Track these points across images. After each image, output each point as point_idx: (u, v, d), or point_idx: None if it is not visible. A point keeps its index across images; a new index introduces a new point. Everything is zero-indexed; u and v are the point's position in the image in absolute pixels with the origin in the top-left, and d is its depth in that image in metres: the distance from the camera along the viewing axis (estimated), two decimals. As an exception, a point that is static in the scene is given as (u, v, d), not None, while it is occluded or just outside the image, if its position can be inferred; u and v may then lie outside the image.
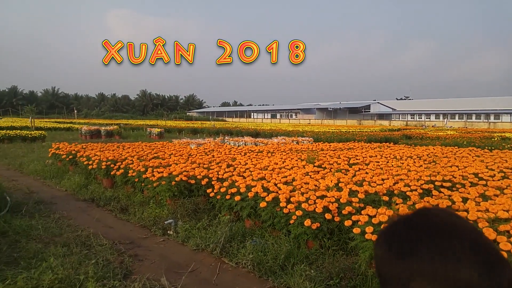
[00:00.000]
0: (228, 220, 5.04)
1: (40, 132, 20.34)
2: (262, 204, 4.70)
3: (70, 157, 9.19)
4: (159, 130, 23.81)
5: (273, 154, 9.02)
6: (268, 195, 4.77)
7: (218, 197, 5.50)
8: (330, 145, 12.10)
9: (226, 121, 75.65)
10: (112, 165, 7.37)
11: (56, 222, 5.22)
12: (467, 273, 0.59)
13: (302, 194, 4.64)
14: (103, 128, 23.29)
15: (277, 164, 6.96)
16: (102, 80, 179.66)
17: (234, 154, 8.82)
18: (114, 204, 6.34)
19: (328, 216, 4.22)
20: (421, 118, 66.64)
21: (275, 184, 5.25)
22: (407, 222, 0.69)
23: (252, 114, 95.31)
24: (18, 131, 20.15)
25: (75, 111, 44.64)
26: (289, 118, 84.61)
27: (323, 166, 6.98)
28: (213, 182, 5.87)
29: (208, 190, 5.77)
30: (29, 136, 18.79)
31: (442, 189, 4.97)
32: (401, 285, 0.64)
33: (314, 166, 6.85)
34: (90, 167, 7.83)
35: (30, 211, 5.70)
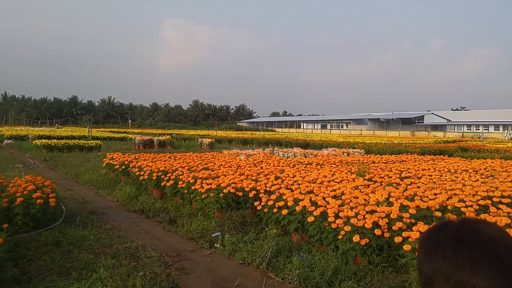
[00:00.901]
0: (275, 234, 4.90)
1: (96, 141, 21.42)
2: (310, 219, 4.54)
3: (123, 167, 9.52)
4: (210, 140, 24.28)
5: (322, 166, 8.75)
6: (316, 210, 4.61)
7: (265, 210, 5.37)
8: (382, 158, 11.60)
9: (275, 131, 75.83)
10: (162, 176, 7.51)
11: (107, 233, 5.35)
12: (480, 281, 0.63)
13: (351, 208, 4.48)
14: (156, 138, 24.14)
15: (326, 177, 6.71)
16: (156, 90, 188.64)
17: (282, 166, 8.65)
18: (163, 215, 6.41)
19: (377, 231, 4.03)
20: (478, 129, 62.62)
21: (324, 198, 5.07)
22: (443, 225, 0.76)
23: (302, 124, 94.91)
24: (77, 140, 21.37)
25: (129, 121, 47.04)
26: (340, 128, 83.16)
27: (373, 179, 6.71)
28: (260, 195, 5.75)
29: (256, 203, 5.66)
30: (86, 145, 19.81)
31: (500, 206, 4.58)
32: (429, 284, 0.71)
33: (364, 179, 6.58)
34: (141, 177, 8.04)
35: (84, 221, 5.91)
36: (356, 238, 3.93)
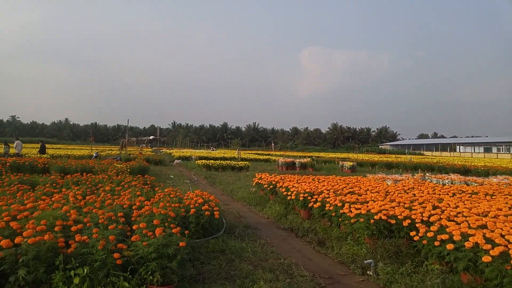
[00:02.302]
0: (439, 271, 4.40)
1: (245, 162, 23.52)
2: (486, 258, 3.92)
3: (271, 187, 10.10)
4: (351, 163, 23.74)
5: (493, 197, 7.50)
6: (493, 248, 3.96)
7: (424, 242, 4.89)
8: None
9: (424, 155, 69.24)
10: (309, 197, 7.67)
11: (262, 247, 5.72)
12: None
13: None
14: (297, 160, 24.98)
15: (501, 210, 5.72)
16: (296, 115, 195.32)
17: (439, 194, 7.80)
18: (311, 236, 6.52)
19: None
20: None
21: (502, 236, 4.30)
22: None
23: (457, 147, 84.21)
24: (228, 161, 23.88)
25: (272, 144, 49.74)
26: (511, 152, 70.12)
27: None
28: (417, 225, 5.28)
29: (412, 233, 5.22)
30: (237, 166, 21.97)
31: None
32: None
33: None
34: (288, 197, 8.38)
35: (241, 234, 6.48)
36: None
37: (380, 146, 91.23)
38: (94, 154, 24.79)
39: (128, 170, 12.33)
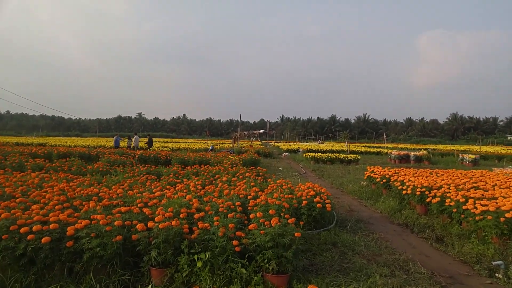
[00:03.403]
0: None
1: (354, 155, 22.86)
2: None
3: (384, 180, 9.71)
4: (473, 156, 21.27)
5: None
6: None
7: None
8: None
9: None
10: (426, 192, 7.21)
11: (375, 242, 5.63)
12: None
13: None
14: (411, 153, 23.30)
15: None
16: (410, 105, 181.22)
17: None
18: (428, 232, 6.16)
19: None
20: None
21: None
22: None
23: None
24: (337, 154, 23.45)
25: (384, 136, 47.08)
26: None
27: None
28: None
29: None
30: (346, 159, 21.48)
31: None
32: None
33: None
34: (403, 192, 7.98)
35: (353, 227, 6.45)
36: None
37: (508, 138, 78.76)
38: (210, 147, 27.13)
39: (241, 162, 13.24)
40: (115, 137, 25.67)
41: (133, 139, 24.39)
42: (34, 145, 24.32)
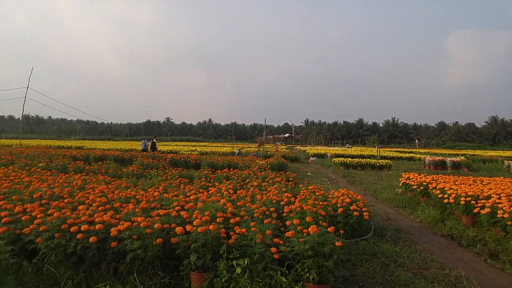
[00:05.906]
0: None
1: (386, 161, 22.03)
2: None
3: (422, 188, 9.24)
4: (522, 163, 20.08)
5: None
6: None
7: None
8: None
9: None
10: (472, 202, 6.75)
11: (419, 254, 5.27)
12: None
13: None
14: (448, 159, 22.30)
15: None
16: (442, 108, 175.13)
17: None
18: (480, 246, 5.72)
19: None
20: None
21: None
22: None
23: None
24: (367, 159, 22.76)
25: (416, 141, 45.50)
26: None
27: None
28: None
29: None
30: (377, 164, 20.78)
31: None
32: None
33: None
34: (445, 201, 7.53)
35: (392, 237, 6.10)
36: None
37: None
38: (237, 151, 27.13)
39: (269, 166, 13.03)
40: (142, 141, 26.38)
41: (151, 143, 24.72)
42: (73, 148, 26.70)
